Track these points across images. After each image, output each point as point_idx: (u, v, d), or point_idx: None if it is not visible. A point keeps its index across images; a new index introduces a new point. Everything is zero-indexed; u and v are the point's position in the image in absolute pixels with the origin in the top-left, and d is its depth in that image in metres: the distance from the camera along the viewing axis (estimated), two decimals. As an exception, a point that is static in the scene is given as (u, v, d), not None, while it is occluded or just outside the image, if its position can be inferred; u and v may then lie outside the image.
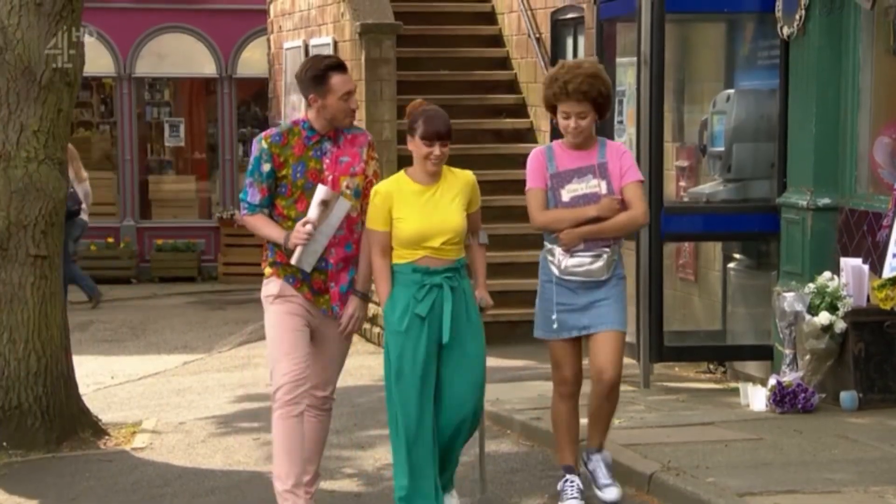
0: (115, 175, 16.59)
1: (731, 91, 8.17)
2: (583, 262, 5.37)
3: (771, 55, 7.97)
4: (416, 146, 5.20)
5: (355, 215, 5.29)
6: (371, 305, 6.23)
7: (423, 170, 5.21)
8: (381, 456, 6.66)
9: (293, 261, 5.18)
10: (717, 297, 8.53)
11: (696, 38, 8.87)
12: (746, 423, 6.66)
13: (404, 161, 11.49)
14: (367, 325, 10.88)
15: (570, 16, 10.39)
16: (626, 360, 7.71)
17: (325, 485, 6.06)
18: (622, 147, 5.58)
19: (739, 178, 8.06)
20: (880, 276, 6.85)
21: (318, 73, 5.18)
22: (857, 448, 6.01)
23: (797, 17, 7.52)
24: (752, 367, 7.99)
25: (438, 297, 5.17)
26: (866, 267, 6.91)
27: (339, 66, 5.23)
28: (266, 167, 5.22)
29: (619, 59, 8.38)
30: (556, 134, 11.28)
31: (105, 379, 9.75)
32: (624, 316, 5.44)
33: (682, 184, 8.50)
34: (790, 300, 7.08)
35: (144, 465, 6.86)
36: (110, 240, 16.14)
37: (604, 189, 5.37)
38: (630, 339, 7.46)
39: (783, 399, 6.83)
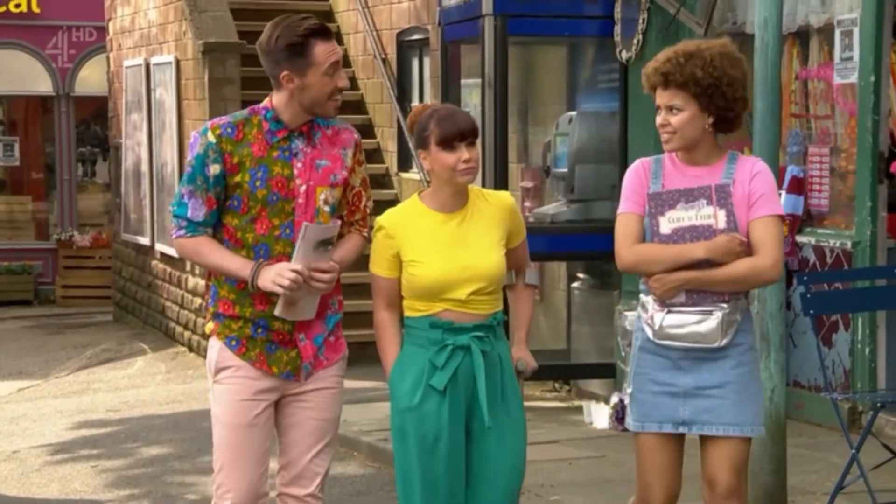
0: (-55, 195, 16.01)
1: (574, 113, 8.31)
2: (685, 322, 3.67)
3: (611, 78, 8.14)
4: (434, 159, 3.71)
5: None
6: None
7: (451, 187, 3.73)
8: (225, 482, 6.53)
9: (277, 312, 3.69)
10: (561, 317, 8.64)
11: (539, 61, 8.99)
12: (590, 441, 6.75)
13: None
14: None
15: (415, 37, 10.44)
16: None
17: (167, 513, 5.91)
18: (759, 164, 3.76)
19: (582, 199, 8.19)
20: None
21: (296, 39, 3.65)
22: (697, 462, 6.13)
23: (635, 41, 7.70)
24: (595, 384, 8.12)
25: (465, 364, 3.68)
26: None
27: (323, 31, 3.70)
28: (214, 169, 3.68)
29: (463, 81, 8.44)
30: (403, 156, 11.34)
31: (-66, 407, 9.36)
32: (754, 411, 3.72)
33: (527, 204, 8.59)
34: (631, 319, 7.19)
35: (-25, 498, 6.59)
36: (-59, 262, 15.55)
37: (721, 222, 3.64)
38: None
39: (625, 416, 6.93)
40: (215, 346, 3.78)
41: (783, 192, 6.64)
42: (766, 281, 3.75)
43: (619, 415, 7.07)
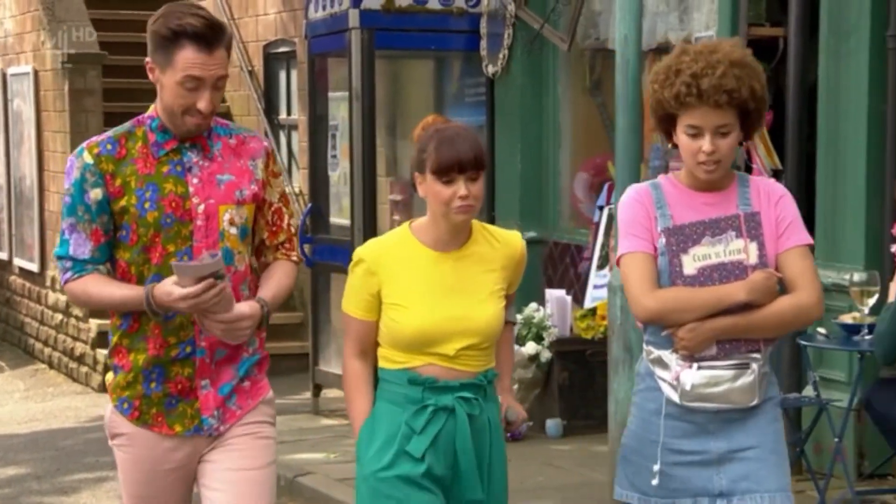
0: None
1: (441, 127, 8.34)
2: (719, 379, 3.09)
3: (478, 92, 8.21)
4: (429, 189, 3.12)
5: (242, 268, 3.22)
6: (88, 331, 5.65)
7: (447, 223, 3.12)
8: (86, 501, 6.37)
9: (221, 335, 3.14)
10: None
11: (406, 74, 9.02)
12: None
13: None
14: (72, 364, 10.44)
15: (282, 50, 10.37)
16: (336, 394, 7.72)
17: (26, 536, 5.74)
18: (778, 186, 3.22)
19: (450, 212, 8.22)
20: (582, 307, 7.14)
21: (165, 31, 3.09)
22: (562, 474, 6.21)
23: (501, 56, 7.79)
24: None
25: (448, 429, 3.12)
26: (569, 298, 7.18)
27: (200, 37, 3.07)
28: (95, 194, 3.12)
29: (331, 94, 8.42)
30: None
31: None
32: (787, 473, 3.22)
33: (396, 217, 8.60)
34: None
35: None
36: None
37: (753, 257, 3.10)
38: (336, 370, 7.47)
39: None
40: (108, 408, 3.26)
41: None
42: (810, 321, 3.24)
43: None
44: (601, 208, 7.32)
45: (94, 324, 9.55)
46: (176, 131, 3.15)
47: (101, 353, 9.24)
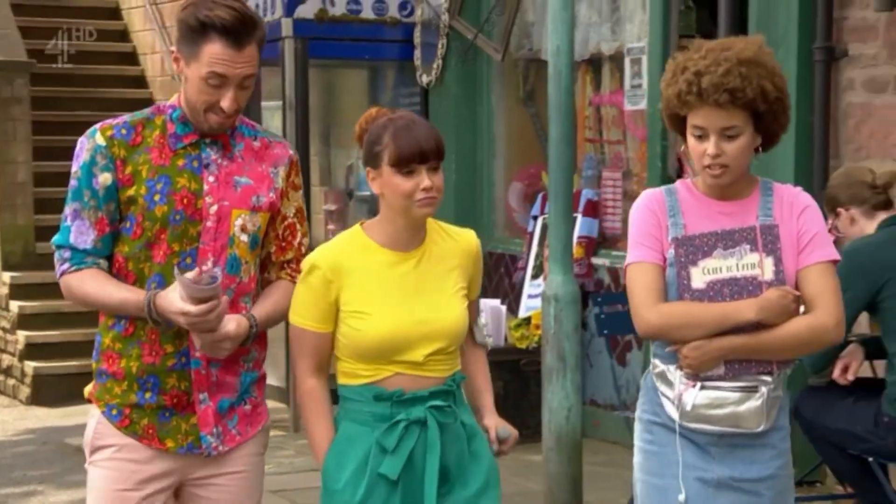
0: None
1: (375, 136, 8.35)
2: (724, 400, 2.89)
3: (412, 102, 8.21)
4: (386, 183, 2.87)
5: (247, 280, 2.98)
6: (16, 343, 5.53)
7: (406, 219, 2.89)
8: (14, 518, 6.26)
9: (200, 347, 2.89)
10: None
11: (340, 83, 9.01)
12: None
13: (45, 206, 11.09)
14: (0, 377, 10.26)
15: (214, 58, 10.31)
16: (275, 405, 7.67)
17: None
18: (805, 196, 2.98)
19: (384, 222, 8.23)
20: (517, 316, 7.16)
21: (193, 21, 2.86)
22: (498, 482, 6.21)
23: (434, 66, 7.80)
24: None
25: (422, 443, 2.88)
26: (504, 307, 7.20)
27: (230, 32, 2.83)
28: (104, 178, 2.89)
29: (264, 103, 8.37)
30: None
31: None
32: None
33: (331, 227, 8.58)
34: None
35: None
36: None
37: (768, 272, 2.87)
38: (279, 382, 7.43)
39: None
40: (93, 417, 2.96)
41: (578, 216, 6.83)
42: (827, 343, 2.95)
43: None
44: (535, 218, 7.35)
45: (21, 335, 9.40)
46: (197, 126, 2.92)
47: (30, 365, 9.09)
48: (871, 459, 4.56)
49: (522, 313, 7.17)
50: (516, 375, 6.96)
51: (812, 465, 5.44)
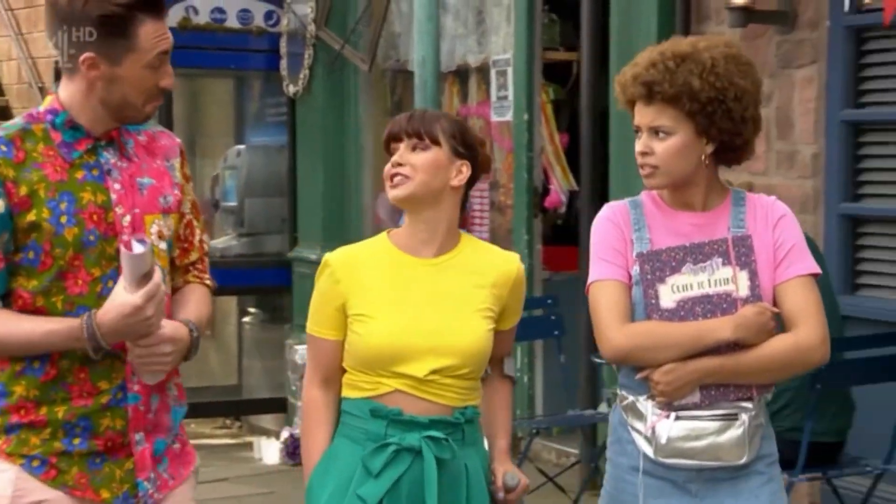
0: None
1: (242, 147, 8.27)
2: (701, 431, 2.62)
3: (279, 112, 8.16)
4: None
5: (169, 292, 2.63)
6: None
7: (417, 219, 2.69)
8: None
9: (145, 378, 2.54)
10: (232, 352, 8.55)
11: (206, 93, 8.90)
12: (259, 478, 6.70)
13: None
14: None
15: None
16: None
17: None
18: (780, 206, 2.74)
19: (252, 233, 8.16)
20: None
21: (114, 10, 2.47)
22: None
23: (301, 76, 7.75)
24: (267, 420, 8.06)
25: (413, 474, 2.61)
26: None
27: (154, 4, 2.53)
28: None
29: (127, 112, 8.24)
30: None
31: None
32: None
33: (196, 238, 8.47)
34: (302, 352, 7.23)
35: None
36: None
37: (743, 288, 2.64)
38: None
39: (295, 451, 6.93)
40: (7, 473, 2.49)
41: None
42: (813, 363, 2.67)
43: (289, 449, 7.10)
44: (403, 228, 7.35)
45: None
46: (94, 128, 2.51)
47: None
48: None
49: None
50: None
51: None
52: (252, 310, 8.50)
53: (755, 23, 5.25)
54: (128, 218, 2.52)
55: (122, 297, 2.40)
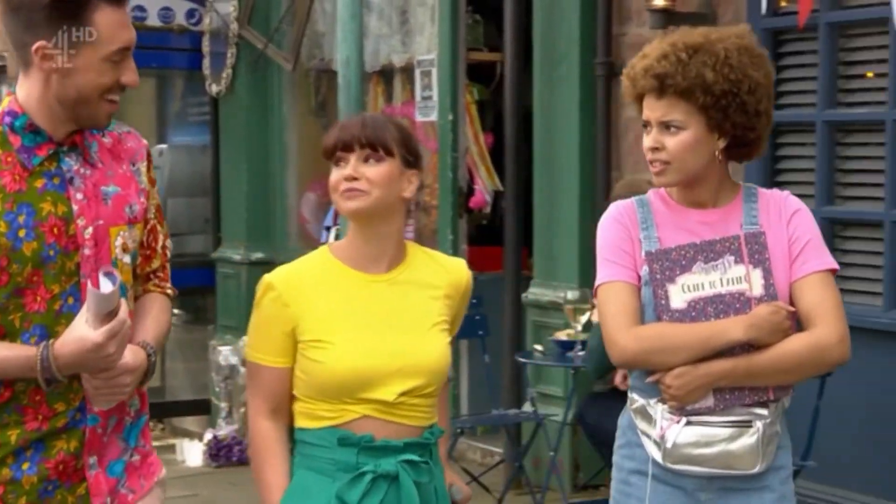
0: None
1: (164, 146, 8.19)
2: (713, 438, 2.53)
3: (202, 112, 8.09)
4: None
5: (131, 307, 2.45)
6: None
7: (364, 233, 2.54)
8: None
9: (94, 395, 2.35)
10: (154, 354, 8.48)
11: (127, 92, 8.76)
12: (182, 480, 6.63)
13: None
14: None
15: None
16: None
17: None
18: (793, 200, 2.65)
19: (175, 233, 8.04)
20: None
21: None
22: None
23: (224, 75, 7.69)
24: (190, 422, 7.99)
25: (390, 501, 2.50)
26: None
27: None
28: None
29: (47, 111, 8.13)
30: None
31: None
32: None
33: (117, 239, 8.38)
34: (226, 354, 7.17)
35: None
36: None
37: (757, 287, 2.53)
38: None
39: (218, 452, 6.88)
40: None
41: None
42: (831, 364, 2.55)
43: (212, 451, 7.04)
44: (328, 228, 7.32)
45: None
46: (55, 131, 2.33)
47: None
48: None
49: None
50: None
51: (597, 469, 5.59)
52: (175, 311, 8.41)
53: (676, 24, 5.30)
54: (90, 230, 2.34)
55: (83, 331, 2.24)
